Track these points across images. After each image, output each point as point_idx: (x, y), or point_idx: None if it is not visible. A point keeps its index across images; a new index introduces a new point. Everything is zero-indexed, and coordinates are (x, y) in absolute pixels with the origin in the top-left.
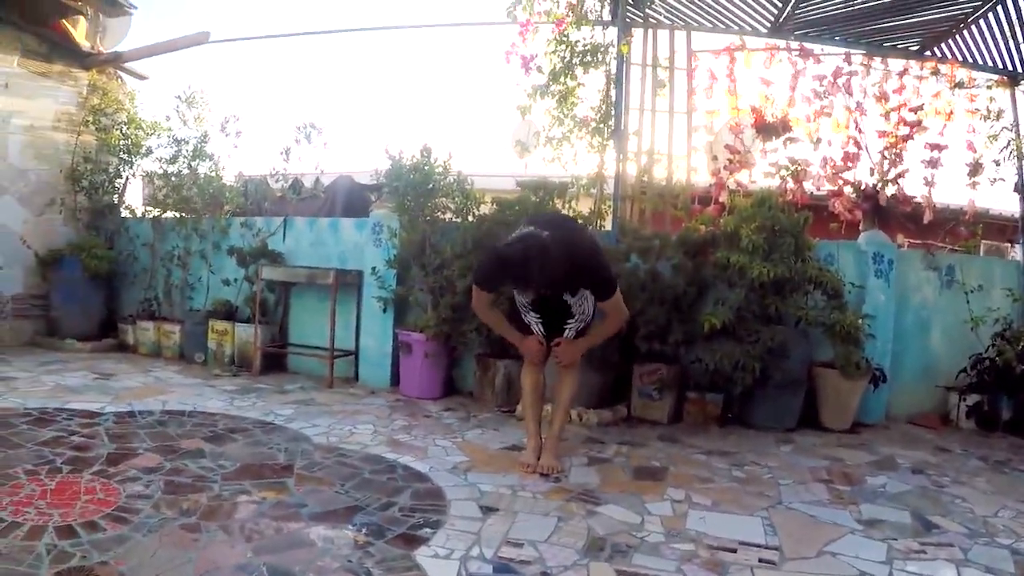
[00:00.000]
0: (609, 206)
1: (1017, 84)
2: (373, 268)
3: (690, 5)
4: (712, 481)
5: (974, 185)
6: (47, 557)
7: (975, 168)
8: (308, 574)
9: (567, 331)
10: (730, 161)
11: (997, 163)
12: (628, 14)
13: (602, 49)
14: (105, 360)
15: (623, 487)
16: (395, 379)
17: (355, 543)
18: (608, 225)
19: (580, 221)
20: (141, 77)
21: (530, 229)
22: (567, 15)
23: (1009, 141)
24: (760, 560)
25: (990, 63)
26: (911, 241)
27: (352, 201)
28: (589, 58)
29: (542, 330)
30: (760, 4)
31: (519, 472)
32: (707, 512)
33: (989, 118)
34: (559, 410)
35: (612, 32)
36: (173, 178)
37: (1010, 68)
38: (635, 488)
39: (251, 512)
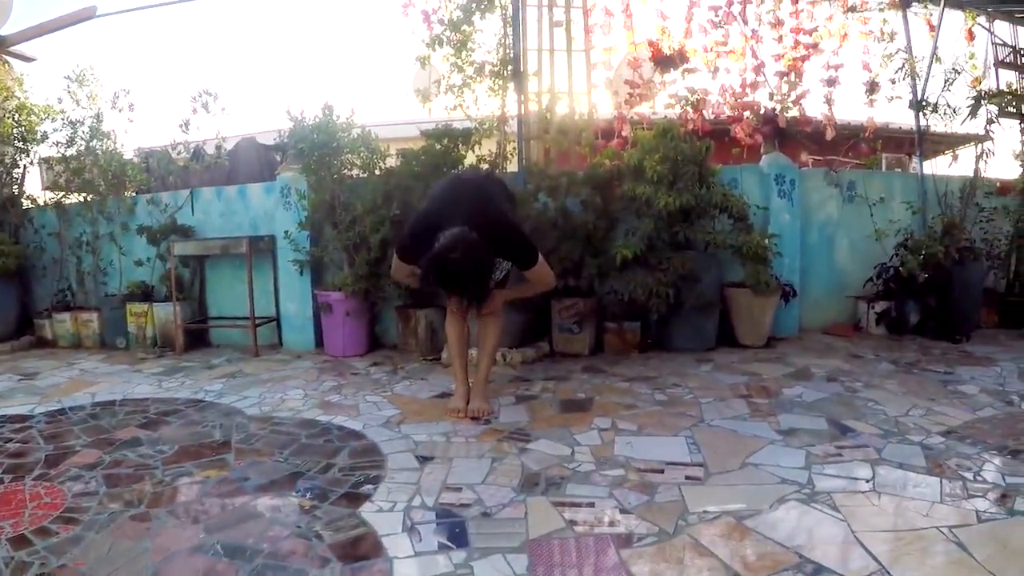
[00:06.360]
0: (514, 148)
1: (908, 6)
2: (286, 232)
3: None
4: (636, 407)
5: (872, 103)
6: (7, 571)
7: (872, 87)
8: (261, 545)
9: None
10: (630, 95)
11: (893, 82)
12: None
13: None
14: (26, 359)
15: (552, 422)
16: (319, 340)
17: (301, 509)
18: (513, 167)
19: (487, 167)
20: (28, 59)
21: (458, 231)
22: None
23: (903, 62)
24: (687, 477)
25: None
26: (815, 159)
27: (258, 164)
28: (485, 3)
29: None
30: None
31: (450, 419)
32: (633, 437)
33: (883, 39)
34: (484, 355)
35: None
36: (72, 162)
37: None
38: (563, 421)
39: (196, 493)
